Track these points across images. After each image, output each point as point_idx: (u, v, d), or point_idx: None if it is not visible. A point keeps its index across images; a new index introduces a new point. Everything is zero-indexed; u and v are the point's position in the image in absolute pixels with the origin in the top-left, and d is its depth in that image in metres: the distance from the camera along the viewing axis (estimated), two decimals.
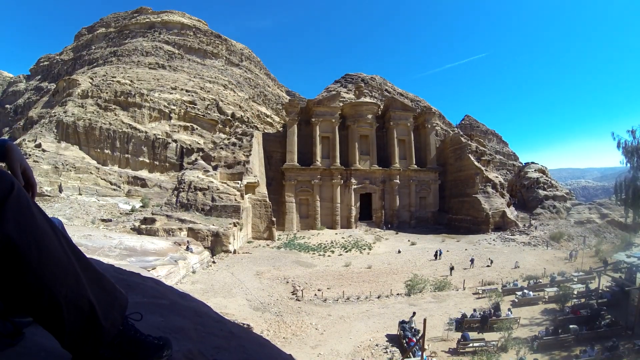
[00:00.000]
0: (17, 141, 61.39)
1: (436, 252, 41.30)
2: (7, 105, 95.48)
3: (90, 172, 56.12)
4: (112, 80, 67.88)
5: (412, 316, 20.48)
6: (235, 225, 42.31)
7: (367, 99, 70.68)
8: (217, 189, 46.26)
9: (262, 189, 54.73)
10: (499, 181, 61.75)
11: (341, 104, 68.00)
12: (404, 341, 18.09)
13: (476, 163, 61.30)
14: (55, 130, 58.21)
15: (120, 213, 49.56)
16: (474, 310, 22.28)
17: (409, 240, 51.15)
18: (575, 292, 24.75)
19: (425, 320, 14.37)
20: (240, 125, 70.01)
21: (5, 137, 74.24)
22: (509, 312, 21.85)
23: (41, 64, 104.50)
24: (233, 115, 76.46)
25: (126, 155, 61.66)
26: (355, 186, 63.93)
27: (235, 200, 45.47)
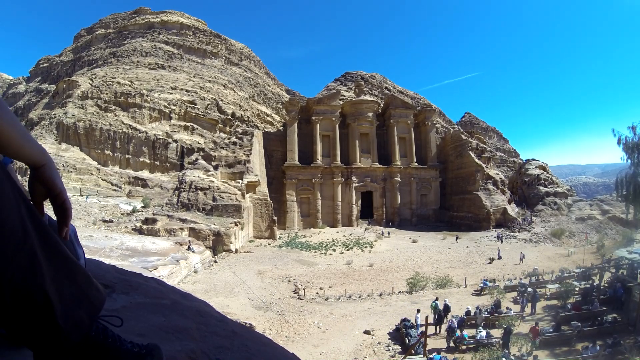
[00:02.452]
0: None
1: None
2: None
3: (91, 173, 56.20)
4: (112, 81, 67.88)
5: (417, 313, 20.37)
6: (236, 225, 42.34)
7: (367, 97, 70.64)
8: (218, 189, 46.29)
9: (263, 188, 54.74)
10: (500, 178, 61.64)
11: (341, 102, 67.98)
12: (407, 339, 18.10)
13: (477, 160, 61.20)
14: (56, 132, 58.28)
15: (122, 214, 49.63)
16: (477, 307, 22.28)
17: (410, 238, 51.14)
18: (577, 289, 24.75)
19: (427, 317, 14.41)
20: (241, 125, 70.07)
21: None
22: (510, 309, 21.88)
23: (41, 65, 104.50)
24: (233, 114, 76.46)
25: (127, 156, 61.71)
26: (356, 184, 63.91)
27: (236, 199, 45.51)
